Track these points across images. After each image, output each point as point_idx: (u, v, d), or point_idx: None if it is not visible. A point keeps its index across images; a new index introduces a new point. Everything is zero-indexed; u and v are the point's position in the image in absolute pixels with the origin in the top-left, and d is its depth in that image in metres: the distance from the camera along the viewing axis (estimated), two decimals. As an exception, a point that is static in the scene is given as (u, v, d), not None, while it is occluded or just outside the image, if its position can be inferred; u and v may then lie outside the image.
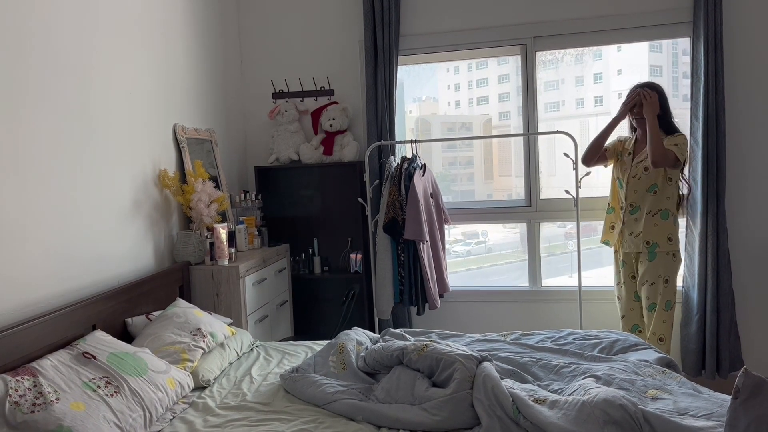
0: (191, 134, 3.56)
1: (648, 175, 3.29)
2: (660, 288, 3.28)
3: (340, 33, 4.16)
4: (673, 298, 3.30)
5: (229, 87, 4.16)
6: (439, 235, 3.84)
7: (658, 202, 3.28)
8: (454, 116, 4.33)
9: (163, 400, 2.21)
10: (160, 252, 3.22)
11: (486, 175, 4.24)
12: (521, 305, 4.03)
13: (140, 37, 3.12)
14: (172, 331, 2.61)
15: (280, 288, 3.85)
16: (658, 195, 3.28)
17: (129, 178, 2.97)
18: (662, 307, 3.28)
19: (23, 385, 1.90)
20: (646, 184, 3.29)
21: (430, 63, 4.21)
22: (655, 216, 3.28)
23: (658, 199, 3.28)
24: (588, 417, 1.83)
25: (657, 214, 3.28)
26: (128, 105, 2.99)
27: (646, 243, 3.30)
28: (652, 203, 3.29)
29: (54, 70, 2.48)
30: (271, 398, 2.38)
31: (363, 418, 2.13)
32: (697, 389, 2.09)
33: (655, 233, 3.28)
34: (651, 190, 3.29)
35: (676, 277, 3.34)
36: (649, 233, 3.29)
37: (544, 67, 4.00)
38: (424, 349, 2.29)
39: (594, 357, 2.43)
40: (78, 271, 2.58)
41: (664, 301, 3.28)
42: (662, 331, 3.30)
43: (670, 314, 3.31)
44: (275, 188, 4.27)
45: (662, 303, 3.28)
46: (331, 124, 4.04)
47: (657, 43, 3.88)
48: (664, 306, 3.28)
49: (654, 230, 3.28)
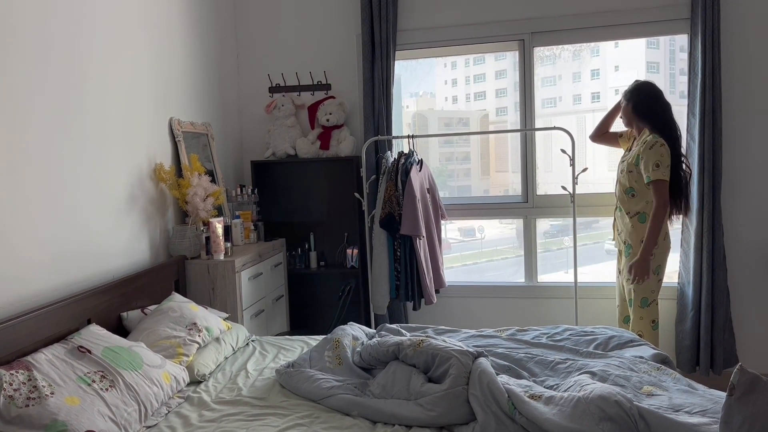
0: (187, 128, 3.54)
1: (625, 177, 3.27)
2: (635, 286, 3.24)
3: (337, 27, 4.14)
4: (651, 296, 3.23)
5: (226, 81, 4.14)
6: (436, 231, 3.84)
7: (635, 205, 3.24)
8: (451, 111, 4.32)
9: (158, 395, 2.20)
10: (156, 246, 3.21)
11: (483, 171, 4.24)
12: (517, 301, 4.04)
13: (136, 30, 3.10)
14: (168, 326, 2.60)
15: (276, 283, 3.85)
16: (636, 198, 3.23)
17: (124, 172, 2.96)
18: (638, 304, 3.26)
19: (18, 379, 1.89)
20: (624, 186, 3.28)
21: (427, 58, 4.20)
22: (633, 218, 3.25)
23: (636, 201, 3.23)
24: (583, 413, 1.83)
25: (635, 217, 3.24)
26: (124, 99, 2.98)
27: (623, 242, 3.33)
28: (629, 205, 3.26)
29: (48, 63, 2.46)
30: (266, 393, 2.37)
31: (358, 413, 2.13)
32: (692, 386, 2.09)
33: (632, 235, 3.25)
34: (628, 192, 3.26)
35: (654, 277, 3.22)
36: (627, 234, 3.29)
37: (542, 63, 3.99)
38: (420, 344, 2.29)
39: (589, 353, 2.43)
40: (73, 265, 2.57)
41: (639, 299, 3.24)
42: (639, 328, 3.26)
43: (648, 311, 3.24)
44: (272, 183, 4.26)
45: (637, 300, 3.25)
46: (327, 118, 4.03)
47: (654, 40, 3.88)
48: (639, 303, 3.25)
49: (631, 231, 3.26)
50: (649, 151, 3.13)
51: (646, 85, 3.29)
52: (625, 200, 3.28)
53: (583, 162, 3.86)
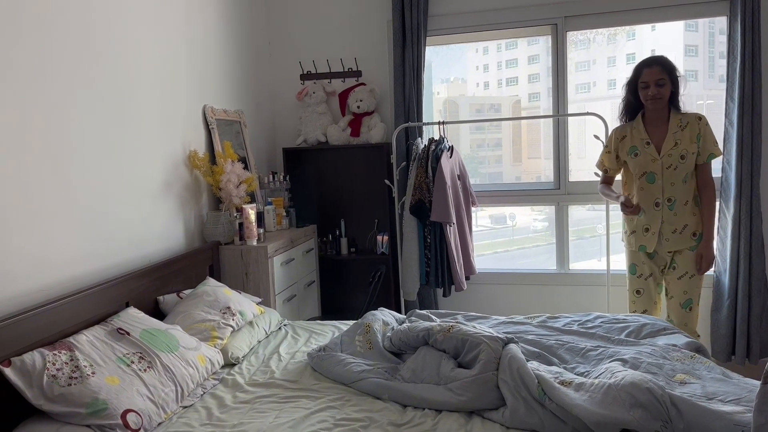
0: (220, 115, 3.59)
1: (684, 163, 3.00)
2: (697, 281, 3.07)
3: (368, 13, 4.14)
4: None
5: (258, 68, 4.18)
6: (466, 218, 3.83)
7: (689, 191, 3.03)
8: (483, 97, 4.29)
9: (194, 376, 2.26)
10: (191, 232, 3.28)
11: (514, 158, 4.21)
12: (548, 288, 4.01)
13: (171, 20, 3.15)
14: (202, 309, 2.66)
15: (308, 268, 3.89)
16: (688, 183, 3.03)
17: (160, 159, 3.02)
18: (696, 302, 3.09)
19: (60, 359, 1.96)
20: (681, 174, 3.01)
21: (458, 43, 4.17)
22: (689, 205, 3.04)
23: (689, 187, 3.03)
24: (614, 400, 1.82)
25: (691, 202, 3.04)
26: (159, 87, 3.03)
27: (693, 235, 3.05)
28: (684, 193, 3.03)
29: (90, 56, 2.52)
30: (298, 376, 2.42)
31: (389, 397, 2.16)
32: (726, 374, 2.06)
33: (698, 223, 3.05)
34: (685, 179, 3.02)
35: None
36: (694, 224, 3.05)
37: (575, 48, 3.93)
38: (449, 330, 2.30)
39: (621, 341, 2.41)
40: (111, 250, 2.64)
41: (697, 294, 3.09)
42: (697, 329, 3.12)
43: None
44: (303, 169, 4.30)
45: (696, 297, 3.08)
46: (358, 105, 4.04)
47: (693, 22, 3.79)
48: (698, 300, 3.09)
49: (695, 220, 3.05)
50: (707, 127, 3.00)
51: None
52: (679, 190, 3.02)
53: (616, 148, 3.79)
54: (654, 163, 3.04)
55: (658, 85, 2.97)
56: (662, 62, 2.99)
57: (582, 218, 4.13)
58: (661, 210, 3.05)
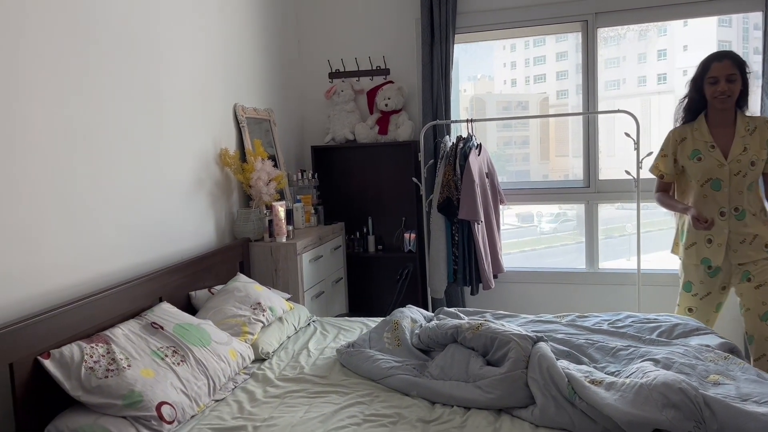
0: (251, 114, 3.63)
1: (754, 170, 2.78)
2: None
3: (396, 12, 4.14)
4: None
5: (287, 67, 4.21)
6: (494, 216, 3.82)
7: (756, 200, 2.82)
8: (510, 95, 4.27)
9: (225, 370, 2.30)
10: (221, 228, 3.32)
11: (542, 156, 4.18)
12: (577, 287, 3.98)
13: (203, 20, 3.20)
14: (233, 305, 2.70)
15: (336, 265, 3.92)
16: (754, 192, 2.82)
17: (192, 157, 3.07)
18: None
19: (97, 352, 2.01)
20: (748, 182, 2.79)
21: (486, 41, 4.16)
22: (758, 215, 2.82)
23: (756, 195, 2.82)
24: (646, 399, 1.81)
25: (760, 213, 2.82)
26: (191, 86, 3.08)
27: (766, 246, 2.82)
28: (752, 202, 2.81)
29: (125, 56, 2.57)
30: (327, 372, 2.44)
31: (417, 394, 2.17)
32: (761, 375, 2.03)
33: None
34: (750, 187, 2.80)
35: None
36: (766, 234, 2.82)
37: (605, 44, 3.89)
38: (478, 327, 2.30)
39: (653, 340, 2.38)
40: (146, 246, 2.69)
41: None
42: None
43: None
44: (331, 167, 4.33)
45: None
46: (386, 103, 4.06)
47: (726, 18, 3.72)
48: None
49: (766, 229, 2.82)
50: None
51: None
52: (746, 199, 2.80)
53: (648, 146, 3.75)
54: (720, 169, 2.80)
55: (729, 81, 2.75)
56: (733, 57, 2.78)
57: (609, 217, 4.08)
58: (727, 220, 2.82)
